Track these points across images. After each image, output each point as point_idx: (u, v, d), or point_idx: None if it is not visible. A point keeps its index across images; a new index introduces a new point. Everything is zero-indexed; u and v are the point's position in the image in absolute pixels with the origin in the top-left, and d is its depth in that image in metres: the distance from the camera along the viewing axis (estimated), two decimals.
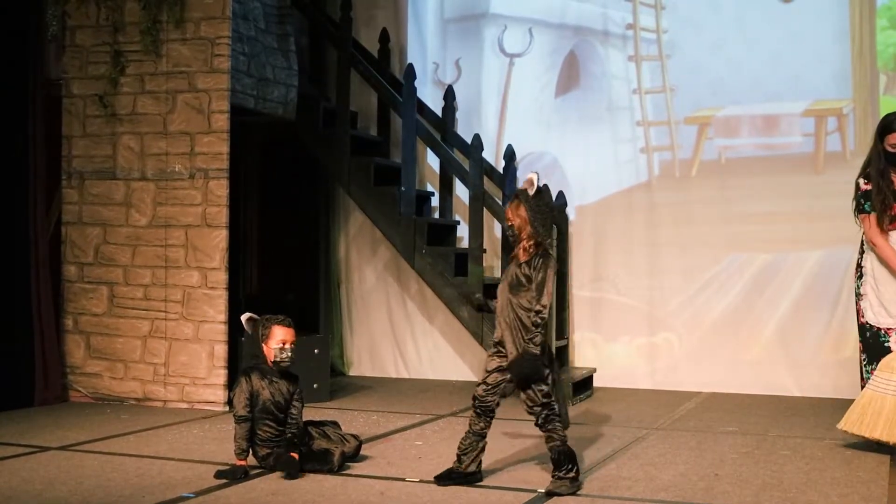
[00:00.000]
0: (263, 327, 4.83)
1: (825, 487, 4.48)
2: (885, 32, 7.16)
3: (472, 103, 8.18)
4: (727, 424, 6.03)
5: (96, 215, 6.79)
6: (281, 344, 4.78)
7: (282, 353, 4.78)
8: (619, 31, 7.81)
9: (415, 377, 8.12)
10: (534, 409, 4.42)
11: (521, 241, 4.48)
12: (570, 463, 4.39)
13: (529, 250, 4.45)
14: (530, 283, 4.42)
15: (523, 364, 4.37)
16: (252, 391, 4.76)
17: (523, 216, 4.46)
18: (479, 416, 4.54)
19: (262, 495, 4.32)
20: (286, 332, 4.82)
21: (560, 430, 4.43)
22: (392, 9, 8.43)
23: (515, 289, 4.44)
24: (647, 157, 7.71)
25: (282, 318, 4.87)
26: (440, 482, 4.49)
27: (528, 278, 4.43)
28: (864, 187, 5.46)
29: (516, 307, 4.42)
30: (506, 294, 4.47)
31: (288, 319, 4.88)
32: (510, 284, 4.47)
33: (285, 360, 4.79)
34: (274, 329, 4.81)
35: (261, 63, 7.04)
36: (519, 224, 4.47)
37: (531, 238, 4.45)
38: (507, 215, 4.54)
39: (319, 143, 7.69)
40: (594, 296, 7.72)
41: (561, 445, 4.40)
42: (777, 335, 7.26)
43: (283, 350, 4.79)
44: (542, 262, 4.43)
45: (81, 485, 4.49)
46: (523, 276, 4.44)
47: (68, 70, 6.87)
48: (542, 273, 4.41)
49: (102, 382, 6.71)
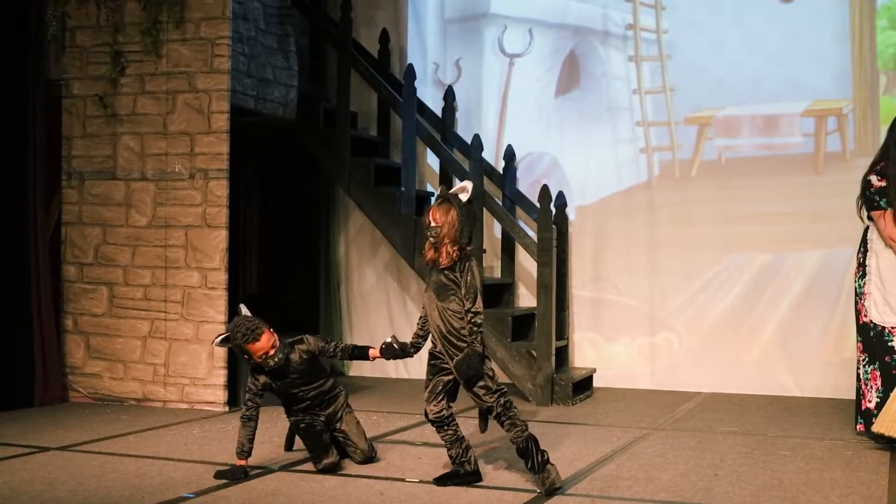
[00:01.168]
0: (240, 350, 4.79)
1: (825, 488, 4.48)
2: (886, 33, 7.16)
3: (472, 104, 8.18)
4: (727, 425, 6.03)
5: (96, 215, 6.79)
6: (261, 356, 4.74)
7: (268, 361, 4.74)
8: (620, 31, 7.81)
9: (415, 377, 8.11)
10: (489, 400, 4.42)
11: (443, 245, 4.43)
12: (536, 447, 4.39)
13: (453, 255, 4.42)
14: (457, 287, 4.42)
15: (470, 363, 4.37)
16: (259, 388, 4.78)
17: (453, 221, 4.43)
18: (440, 429, 4.55)
19: (261, 495, 4.32)
20: (258, 346, 4.71)
21: (519, 417, 4.45)
22: (392, 9, 8.43)
23: (443, 295, 4.45)
24: (648, 158, 7.71)
25: (246, 336, 4.70)
26: (440, 484, 4.49)
27: (454, 283, 4.43)
28: (878, 184, 5.40)
29: (446, 312, 4.43)
30: (434, 302, 4.47)
31: (253, 333, 4.70)
32: (436, 292, 4.46)
33: (275, 363, 4.75)
34: (249, 348, 4.73)
35: (261, 63, 7.04)
36: (446, 228, 4.42)
37: (455, 244, 4.42)
38: (434, 217, 4.46)
39: (319, 144, 7.69)
40: (594, 296, 7.71)
41: (526, 431, 4.41)
42: (777, 335, 7.26)
43: (268, 358, 4.74)
44: (468, 265, 4.43)
45: (81, 485, 4.49)
46: (449, 280, 4.43)
47: (68, 70, 6.88)
48: (470, 275, 4.42)
49: (102, 383, 6.71)
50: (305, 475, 4.69)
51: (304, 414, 4.91)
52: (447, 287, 4.44)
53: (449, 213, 4.45)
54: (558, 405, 6.75)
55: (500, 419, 4.44)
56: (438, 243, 4.44)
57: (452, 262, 4.42)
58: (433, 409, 4.52)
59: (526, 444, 4.38)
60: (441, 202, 4.51)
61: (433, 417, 4.52)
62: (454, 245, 4.43)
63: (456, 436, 4.55)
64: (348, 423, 4.95)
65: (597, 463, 4.96)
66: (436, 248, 4.46)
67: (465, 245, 4.46)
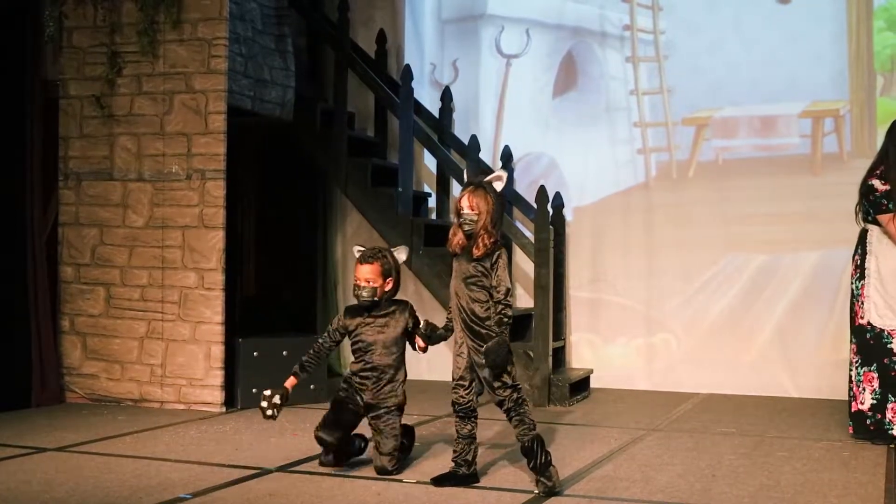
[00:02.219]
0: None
1: (822, 489, 4.48)
2: (883, 34, 7.17)
3: (469, 104, 8.18)
4: (725, 425, 6.03)
5: (93, 216, 6.78)
6: (356, 281, 4.76)
7: (356, 291, 4.76)
8: (617, 32, 7.81)
9: (412, 378, 8.06)
10: (504, 393, 4.40)
11: (478, 235, 4.39)
12: (541, 448, 4.37)
13: (488, 245, 4.40)
14: (487, 278, 4.40)
15: (499, 351, 4.35)
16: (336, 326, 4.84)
17: (489, 210, 4.39)
18: (463, 419, 4.53)
19: (259, 496, 4.32)
20: (361, 269, 4.75)
21: (530, 415, 4.43)
22: (389, 10, 8.43)
23: (471, 285, 4.42)
24: (645, 159, 7.71)
25: (362, 255, 4.79)
26: (437, 484, 4.49)
27: (484, 273, 4.40)
28: (883, 188, 5.41)
29: (473, 302, 4.41)
30: (462, 291, 4.44)
31: (368, 254, 4.77)
32: (465, 281, 4.43)
33: (361, 297, 4.74)
34: (355, 267, 4.77)
35: (258, 64, 7.04)
36: (483, 218, 4.37)
37: (490, 235, 4.40)
38: (471, 204, 4.40)
39: (317, 144, 7.69)
40: (592, 297, 7.72)
41: (533, 430, 4.39)
42: (775, 336, 7.26)
43: (358, 287, 4.75)
44: (500, 256, 4.41)
45: (79, 486, 4.48)
46: (479, 271, 4.41)
47: (65, 71, 6.87)
48: (502, 267, 4.40)
49: (99, 383, 6.70)
50: (303, 476, 4.69)
51: (350, 387, 4.81)
52: (477, 277, 4.41)
53: (486, 201, 4.41)
54: (555, 406, 6.75)
55: (510, 414, 4.43)
56: (473, 232, 4.40)
57: (484, 254, 4.39)
58: (464, 397, 4.49)
59: (531, 443, 4.37)
60: (476, 189, 4.44)
61: (463, 404, 4.49)
62: (490, 236, 4.40)
63: (472, 433, 4.53)
64: (387, 424, 4.81)
65: (594, 464, 4.96)
66: (468, 235, 4.42)
67: (498, 236, 4.43)
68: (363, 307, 4.82)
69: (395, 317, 4.84)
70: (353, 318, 4.85)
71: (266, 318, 7.58)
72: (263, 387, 6.54)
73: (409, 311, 4.89)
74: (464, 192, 4.48)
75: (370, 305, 4.80)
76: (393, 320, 4.84)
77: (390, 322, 4.84)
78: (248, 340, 6.64)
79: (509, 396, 4.40)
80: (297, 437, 5.60)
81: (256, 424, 5.97)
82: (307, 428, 5.85)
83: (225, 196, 6.49)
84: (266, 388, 6.63)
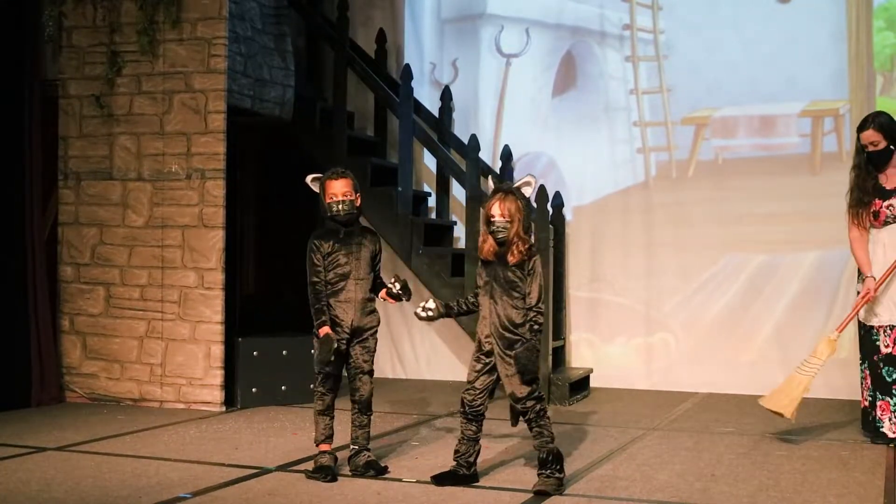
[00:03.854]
0: (320, 184, 4.76)
1: (821, 488, 4.48)
2: (882, 33, 7.17)
3: (468, 104, 8.18)
4: (724, 425, 6.03)
5: (93, 216, 6.78)
6: (333, 198, 4.72)
7: (334, 207, 4.72)
8: (616, 31, 7.81)
9: (412, 377, 8.12)
10: (528, 403, 4.40)
11: (512, 242, 4.39)
12: (557, 463, 4.39)
13: (523, 252, 4.41)
14: (521, 283, 4.41)
15: (530, 356, 4.35)
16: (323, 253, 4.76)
17: (521, 216, 4.40)
18: (470, 420, 4.53)
19: (258, 495, 4.32)
20: (335, 184, 4.72)
21: (550, 427, 4.43)
22: (389, 9, 8.43)
23: (507, 292, 4.42)
24: (644, 158, 7.71)
25: (331, 171, 4.78)
26: (438, 483, 4.49)
27: (520, 279, 4.41)
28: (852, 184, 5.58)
29: (508, 308, 4.40)
30: (497, 297, 4.42)
31: (338, 171, 4.78)
32: (502, 287, 4.42)
33: (342, 211, 4.72)
34: (326, 184, 4.74)
35: (257, 63, 7.04)
36: (516, 225, 4.38)
37: (525, 242, 4.40)
38: (503, 211, 4.39)
39: (316, 144, 7.69)
40: (591, 296, 7.72)
41: (551, 443, 4.40)
42: (774, 336, 7.26)
43: (336, 203, 4.71)
44: (535, 262, 4.42)
45: (78, 485, 4.48)
46: (516, 278, 4.41)
47: (65, 71, 6.87)
48: (537, 273, 4.41)
49: (99, 383, 6.71)
50: (302, 475, 4.69)
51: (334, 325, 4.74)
52: (512, 283, 4.41)
53: (517, 207, 4.40)
54: (555, 405, 6.75)
55: (531, 424, 4.43)
56: (506, 239, 4.39)
57: (519, 260, 4.39)
58: (476, 399, 4.48)
59: (548, 456, 4.39)
60: (506, 195, 4.43)
61: (474, 406, 4.48)
62: (524, 242, 4.40)
63: (476, 435, 4.54)
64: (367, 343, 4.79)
65: (593, 463, 4.96)
66: (500, 243, 4.41)
67: (531, 241, 4.44)
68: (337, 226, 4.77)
69: (365, 243, 4.81)
70: (325, 240, 4.80)
71: (265, 318, 7.58)
72: (263, 386, 6.61)
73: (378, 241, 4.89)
74: (493, 198, 4.45)
75: (351, 219, 4.77)
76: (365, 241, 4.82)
77: (363, 244, 4.81)
78: (248, 340, 6.64)
79: (532, 407, 4.41)
80: (297, 437, 5.60)
81: (256, 424, 5.98)
82: (306, 427, 5.86)
83: (224, 195, 6.49)
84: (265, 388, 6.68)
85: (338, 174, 4.78)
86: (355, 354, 4.79)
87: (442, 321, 7.75)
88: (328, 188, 4.75)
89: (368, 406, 4.81)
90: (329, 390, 4.78)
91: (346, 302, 4.76)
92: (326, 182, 4.76)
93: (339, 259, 4.77)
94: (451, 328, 7.66)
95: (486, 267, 4.50)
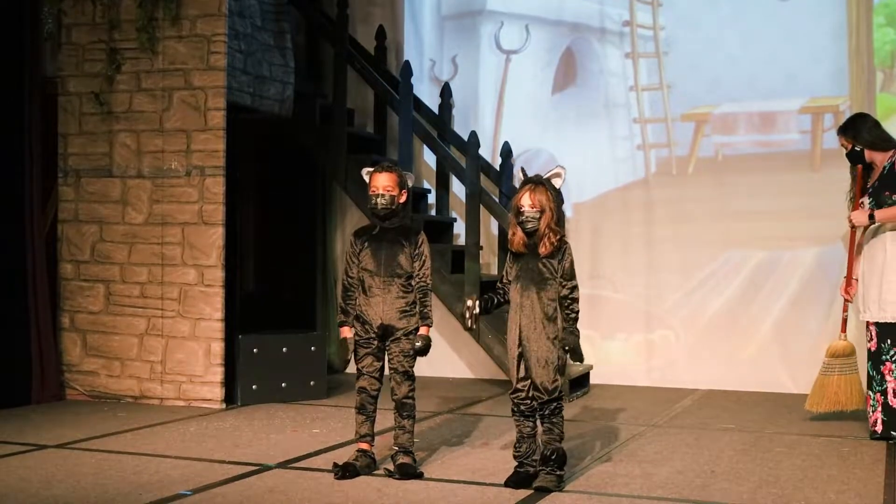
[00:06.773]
0: (369, 176, 4.70)
1: (821, 484, 4.48)
2: (882, 30, 7.16)
3: (468, 100, 8.18)
4: (724, 421, 6.04)
5: (93, 213, 6.78)
6: (374, 191, 4.66)
7: (372, 200, 4.65)
8: (616, 27, 7.81)
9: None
10: (549, 396, 4.37)
11: (544, 234, 4.35)
12: (559, 462, 4.38)
13: (554, 243, 4.37)
14: (554, 274, 4.38)
15: (576, 340, 4.35)
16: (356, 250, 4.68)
17: (551, 207, 4.35)
18: (527, 418, 4.46)
19: (259, 492, 4.32)
20: (379, 177, 4.65)
21: (562, 426, 4.42)
22: (389, 6, 8.43)
23: (541, 284, 4.39)
24: (644, 154, 7.71)
25: (379, 165, 4.72)
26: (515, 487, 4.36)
27: (552, 270, 4.38)
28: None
29: (543, 301, 4.37)
30: (532, 290, 4.38)
31: (386, 165, 4.72)
32: (534, 280, 4.39)
33: (379, 205, 4.63)
34: (372, 177, 4.68)
35: (257, 60, 7.03)
36: (547, 216, 4.33)
37: (556, 233, 4.37)
38: (534, 202, 4.34)
39: (316, 141, 7.69)
40: (591, 293, 7.71)
41: (559, 442, 4.39)
42: (774, 332, 7.27)
43: (375, 196, 4.64)
44: (567, 251, 4.41)
45: (79, 483, 4.49)
46: (547, 269, 4.39)
47: (64, 68, 6.87)
48: (570, 262, 4.40)
49: (99, 380, 6.71)
50: (303, 472, 4.69)
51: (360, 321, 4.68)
52: (544, 275, 4.38)
53: (548, 198, 4.36)
54: None
55: (544, 420, 4.41)
56: (536, 230, 4.36)
57: (550, 251, 4.37)
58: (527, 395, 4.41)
59: (552, 454, 4.37)
60: (536, 186, 4.39)
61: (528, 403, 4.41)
62: (555, 234, 4.37)
63: (533, 431, 4.47)
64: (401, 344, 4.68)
65: (593, 460, 4.96)
66: (530, 234, 4.38)
67: (562, 232, 4.42)
68: (376, 221, 4.70)
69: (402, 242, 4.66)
70: (359, 237, 4.75)
71: (266, 315, 7.57)
72: (263, 383, 6.61)
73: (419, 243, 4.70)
74: (523, 189, 4.41)
75: (388, 214, 4.68)
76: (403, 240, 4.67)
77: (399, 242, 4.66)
78: (248, 337, 6.64)
79: (549, 403, 4.38)
80: (297, 434, 5.60)
81: (256, 421, 5.98)
82: (307, 424, 5.87)
83: (224, 193, 6.49)
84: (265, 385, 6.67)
85: (384, 167, 4.72)
86: (391, 355, 4.71)
87: (441, 316, 7.83)
88: (372, 180, 4.69)
89: (403, 406, 4.70)
90: (362, 388, 4.72)
91: (373, 300, 4.67)
92: (372, 175, 4.71)
93: (367, 256, 4.70)
94: (451, 324, 7.65)
95: (517, 260, 4.47)
